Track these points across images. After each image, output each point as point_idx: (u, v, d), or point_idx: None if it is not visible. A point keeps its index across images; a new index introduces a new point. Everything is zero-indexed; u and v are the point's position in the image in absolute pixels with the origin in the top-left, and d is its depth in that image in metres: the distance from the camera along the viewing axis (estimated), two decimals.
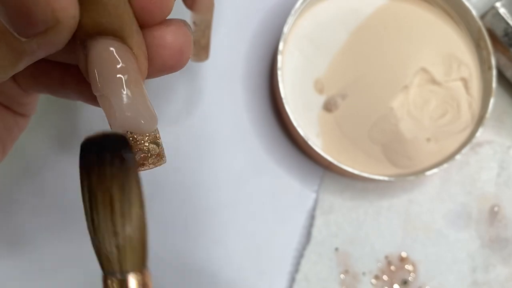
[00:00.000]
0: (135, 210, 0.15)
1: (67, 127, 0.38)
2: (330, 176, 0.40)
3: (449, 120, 0.39)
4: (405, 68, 0.39)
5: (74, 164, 0.17)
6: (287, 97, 0.38)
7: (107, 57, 0.17)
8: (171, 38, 0.19)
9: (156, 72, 0.19)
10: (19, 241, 0.37)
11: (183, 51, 0.19)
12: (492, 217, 0.40)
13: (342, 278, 0.38)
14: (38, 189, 0.37)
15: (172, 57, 0.19)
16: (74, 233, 0.37)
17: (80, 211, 0.16)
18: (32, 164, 0.38)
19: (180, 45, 0.19)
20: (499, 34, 0.40)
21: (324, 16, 0.40)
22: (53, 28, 0.16)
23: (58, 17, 0.16)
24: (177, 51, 0.19)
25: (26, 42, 0.16)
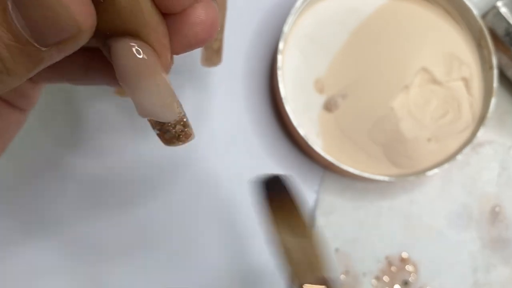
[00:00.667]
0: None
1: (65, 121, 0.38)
2: (331, 176, 0.39)
3: (450, 120, 0.39)
4: (405, 68, 0.39)
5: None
6: (287, 97, 0.37)
7: (125, 56, 0.18)
8: (202, 15, 0.19)
9: (190, 47, 0.20)
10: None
11: (214, 25, 0.20)
12: (493, 218, 0.40)
13: (342, 279, 0.38)
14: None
15: (204, 32, 0.20)
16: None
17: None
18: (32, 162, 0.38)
19: (211, 19, 0.20)
20: (500, 34, 0.40)
21: (324, 15, 0.40)
22: (74, 37, 0.17)
23: (80, 27, 0.16)
24: (209, 26, 0.20)
25: (46, 50, 0.17)
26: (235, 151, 0.39)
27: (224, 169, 0.39)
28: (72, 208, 0.37)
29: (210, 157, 0.39)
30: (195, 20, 0.19)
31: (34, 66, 0.17)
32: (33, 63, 0.17)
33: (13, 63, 0.17)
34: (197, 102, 0.39)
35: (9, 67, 0.17)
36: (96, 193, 0.38)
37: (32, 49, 0.17)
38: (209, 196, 0.38)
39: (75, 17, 0.16)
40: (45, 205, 0.37)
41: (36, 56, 0.17)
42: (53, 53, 0.17)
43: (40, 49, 0.17)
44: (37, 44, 0.17)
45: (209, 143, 0.39)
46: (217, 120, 0.39)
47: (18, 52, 0.17)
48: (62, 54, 0.17)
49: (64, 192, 0.38)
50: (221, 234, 0.38)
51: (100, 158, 0.38)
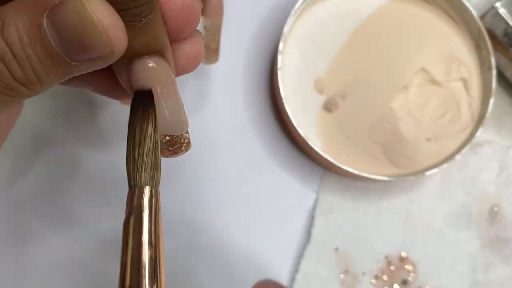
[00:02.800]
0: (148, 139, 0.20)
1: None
2: (330, 176, 0.40)
3: (449, 120, 0.39)
4: (405, 68, 0.39)
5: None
6: (287, 97, 0.38)
7: (154, 73, 0.19)
8: (188, 47, 0.21)
9: (176, 75, 0.21)
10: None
11: (198, 58, 0.22)
12: (492, 217, 0.40)
13: (342, 278, 0.38)
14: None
15: (189, 63, 0.21)
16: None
17: None
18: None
19: (196, 52, 0.21)
20: (499, 34, 0.40)
21: (324, 16, 0.40)
22: (106, 57, 0.18)
23: (112, 50, 0.17)
24: (193, 58, 0.21)
25: (76, 65, 0.18)
26: (235, 151, 0.39)
27: (224, 169, 0.39)
28: (80, 205, 0.38)
29: (210, 156, 0.39)
30: (181, 54, 0.21)
31: (63, 77, 0.18)
32: (63, 74, 0.18)
33: (45, 76, 0.18)
34: (197, 102, 0.40)
35: (41, 78, 0.18)
36: (104, 190, 0.38)
37: (63, 63, 0.18)
38: (209, 195, 0.39)
39: (110, 42, 0.17)
40: (53, 202, 0.37)
41: (66, 69, 0.18)
42: (83, 68, 0.18)
43: (71, 64, 0.18)
44: (68, 60, 0.17)
45: (209, 143, 0.39)
46: (217, 120, 0.40)
47: (50, 65, 0.17)
48: (91, 69, 0.18)
49: (72, 189, 0.38)
50: (221, 233, 0.38)
51: (108, 156, 0.38)
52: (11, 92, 0.18)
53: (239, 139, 0.40)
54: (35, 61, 0.17)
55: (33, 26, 0.17)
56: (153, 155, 0.20)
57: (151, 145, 0.20)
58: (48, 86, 0.18)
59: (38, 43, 0.17)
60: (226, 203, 0.39)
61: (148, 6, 0.17)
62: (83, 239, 0.37)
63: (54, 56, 0.17)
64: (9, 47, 0.17)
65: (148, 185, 0.20)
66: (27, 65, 0.17)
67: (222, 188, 0.39)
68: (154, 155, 0.20)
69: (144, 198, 0.20)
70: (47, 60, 0.17)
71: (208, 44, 0.35)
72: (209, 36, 0.33)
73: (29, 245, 0.37)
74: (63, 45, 0.17)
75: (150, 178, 0.20)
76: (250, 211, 0.39)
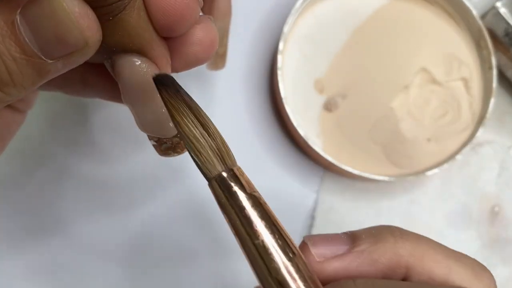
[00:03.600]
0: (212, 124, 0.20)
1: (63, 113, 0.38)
2: (331, 176, 0.40)
3: (450, 120, 0.39)
4: (405, 68, 0.39)
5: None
6: (287, 97, 0.37)
7: (130, 71, 0.19)
8: (202, 35, 0.20)
9: (190, 65, 0.21)
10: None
11: (212, 45, 0.21)
12: (493, 217, 0.40)
13: None
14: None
15: (203, 52, 0.21)
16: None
17: None
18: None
19: (210, 40, 0.21)
20: (499, 34, 0.40)
21: (324, 16, 0.40)
22: (80, 50, 0.17)
23: (87, 41, 0.17)
24: (208, 46, 0.21)
25: (52, 63, 0.17)
26: (235, 151, 0.39)
27: None
28: (73, 209, 0.37)
29: None
30: (194, 40, 0.20)
31: (39, 78, 0.18)
32: (39, 75, 0.18)
33: (20, 75, 0.17)
34: (197, 102, 0.39)
35: (15, 79, 0.17)
36: (98, 195, 0.38)
37: (39, 62, 0.17)
38: (208, 196, 0.38)
39: (83, 31, 0.17)
40: (47, 206, 0.37)
41: (42, 68, 0.17)
42: (59, 65, 0.18)
43: (46, 62, 0.17)
44: (43, 57, 0.17)
45: None
46: (217, 120, 0.39)
47: (25, 64, 0.17)
48: (67, 67, 0.18)
49: (66, 194, 0.38)
50: (221, 233, 0.38)
51: (102, 160, 0.38)
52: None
53: (239, 139, 0.40)
54: (8, 59, 0.17)
55: (7, 24, 0.17)
56: (219, 134, 0.20)
57: (212, 125, 0.19)
58: (23, 89, 0.18)
59: (11, 40, 0.17)
60: None
61: (121, 3, 0.17)
62: (74, 245, 0.37)
63: (29, 54, 0.17)
64: None
65: (235, 165, 0.19)
66: (1, 64, 0.17)
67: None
68: (219, 133, 0.20)
69: (242, 177, 0.19)
70: (22, 58, 0.17)
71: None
72: None
73: (19, 250, 0.37)
74: (37, 41, 0.17)
75: (233, 158, 0.19)
76: None
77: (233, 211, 0.19)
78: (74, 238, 0.37)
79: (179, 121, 0.19)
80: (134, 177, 0.38)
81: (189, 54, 0.21)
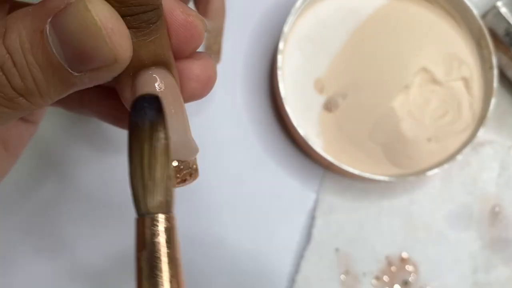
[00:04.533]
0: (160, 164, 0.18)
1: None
2: (331, 176, 0.39)
3: (450, 120, 0.39)
4: (405, 68, 0.39)
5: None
6: (287, 97, 0.37)
7: (161, 87, 0.18)
8: (199, 71, 0.20)
9: (185, 100, 0.20)
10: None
11: (209, 83, 0.21)
12: (493, 217, 0.40)
13: (342, 279, 0.38)
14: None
15: (199, 88, 0.21)
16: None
17: None
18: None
19: (208, 76, 0.21)
20: (500, 34, 0.40)
21: (324, 15, 0.40)
22: (109, 66, 0.17)
23: (116, 58, 0.16)
24: (204, 83, 0.21)
25: (78, 76, 0.17)
26: (235, 151, 0.39)
27: (224, 169, 0.39)
28: (73, 221, 0.37)
29: (210, 157, 0.39)
30: (192, 76, 0.20)
31: (64, 90, 0.17)
32: (64, 86, 0.17)
33: (45, 85, 0.17)
34: (197, 102, 0.39)
35: (41, 88, 0.17)
36: (98, 204, 0.38)
37: (65, 73, 0.17)
38: (209, 195, 0.38)
39: (113, 48, 0.16)
40: (46, 217, 0.37)
41: (67, 80, 0.17)
42: (85, 79, 0.17)
43: (73, 74, 0.17)
44: (70, 69, 0.17)
45: (209, 143, 0.39)
46: (217, 120, 0.39)
47: (51, 75, 0.17)
48: (94, 81, 0.17)
49: (66, 205, 0.38)
50: (221, 234, 0.38)
51: (104, 169, 0.38)
52: (9, 103, 0.17)
53: (239, 139, 0.39)
54: (35, 69, 0.16)
55: (36, 33, 0.16)
56: (167, 176, 0.17)
57: (164, 164, 0.17)
58: (49, 98, 0.18)
59: (39, 49, 0.16)
60: (226, 203, 0.39)
61: (156, 13, 0.17)
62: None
63: (55, 65, 0.17)
64: (9, 55, 0.16)
65: (163, 212, 0.17)
66: (27, 73, 0.16)
67: (222, 188, 0.39)
68: (168, 176, 0.17)
69: (159, 226, 0.17)
70: (48, 69, 0.17)
71: (210, 46, 0.35)
72: (210, 39, 0.33)
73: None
74: (65, 52, 0.16)
75: (165, 204, 0.17)
76: (250, 211, 0.39)
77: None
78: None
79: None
80: None
81: (186, 90, 0.20)
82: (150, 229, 0.17)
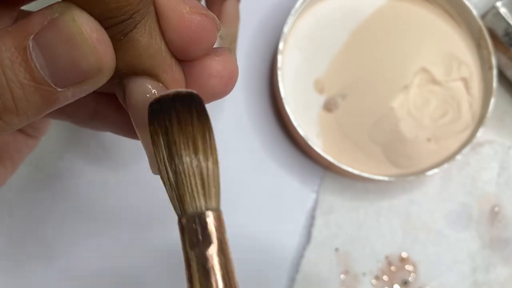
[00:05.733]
0: (214, 151, 0.18)
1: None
2: (330, 176, 0.40)
3: (450, 120, 0.39)
4: (405, 68, 0.39)
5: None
6: (287, 97, 0.37)
7: (141, 94, 0.18)
8: (220, 67, 0.19)
9: (207, 99, 0.20)
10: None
11: (232, 79, 0.20)
12: (493, 217, 0.40)
13: (342, 279, 0.38)
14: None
15: (221, 85, 0.20)
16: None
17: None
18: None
19: (229, 73, 0.20)
20: (499, 34, 0.40)
21: (324, 16, 0.40)
22: (93, 77, 0.16)
23: (101, 68, 0.16)
24: (226, 79, 0.20)
25: (61, 91, 0.17)
26: (235, 151, 0.39)
27: (224, 169, 0.39)
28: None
29: None
30: (212, 73, 0.19)
31: (46, 107, 0.17)
32: (46, 103, 0.17)
33: (25, 103, 0.16)
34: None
35: (20, 106, 0.16)
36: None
37: (48, 89, 0.16)
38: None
39: (99, 57, 0.16)
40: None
41: (50, 96, 0.17)
42: (68, 94, 0.17)
43: (56, 90, 0.16)
44: (53, 85, 0.16)
45: None
46: (217, 120, 0.39)
47: (32, 92, 0.16)
48: (77, 95, 0.17)
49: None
50: None
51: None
52: None
53: (239, 139, 0.40)
54: (15, 85, 0.16)
55: (18, 49, 0.16)
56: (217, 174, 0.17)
57: (215, 166, 0.17)
58: (25, 118, 0.17)
59: (21, 66, 0.16)
60: (226, 203, 0.38)
61: (128, 23, 0.16)
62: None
63: (38, 81, 0.16)
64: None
65: (214, 209, 0.17)
66: (6, 90, 0.16)
67: (221, 188, 0.39)
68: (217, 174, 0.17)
69: (211, 226, 0.17)
70: (30, 84, 0.16)
71: None
72: (224, 45, 0.33)
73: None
74: (49, 67, 0.16)
75: (216, 200, 0.17)
76: (250, 211, 0.39)
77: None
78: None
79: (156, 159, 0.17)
80: (134, 177, 0.38)
81: (207, 87, 0.19)
82: (202, 227, 0.17)
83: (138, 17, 0.17)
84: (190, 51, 0.19)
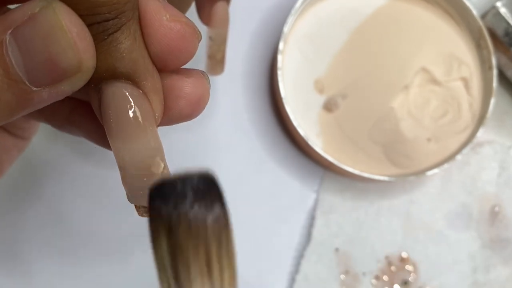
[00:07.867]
0: (231, 271, 0.14)
1: None
2: (331, 176, 0.40)
3: (450, 120, 0.39)
4: (405, 68, 0.39)
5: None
6: (287, 97, 0.37)
7: (120, 100, 0.17)
8: (190, 89, 0.19)
9: (172, 121, 0.19)
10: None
11: (201, 102, 0.19)
12: (493, 217, 0.40)
13: (342, 279, 0.38)
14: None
15: (189, 107, 0.19)
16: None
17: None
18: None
19: (199, 96, 0.19)
20: (499, 34, 0.40)
21: (324, 16, 0.40)
22: (71, 76, 0.16)
23: (80, 66, 0.15)
24: (195, 102, 0.19)
25: (36, 91, 0.15)
26: (235, 151, 0.39)
27: (224, 169, 0.39)
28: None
29: (210, 157, 0.39)
30: (181, 94, 0.19)
31: (18, 108, 0.16)
32: (18, 103, 0.16)
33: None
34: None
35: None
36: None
37: (22, 88, 0.15)
38: None
39: (78, 54, 0.15)
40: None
41: (23, 96, 0.15)
42: (44, 94, 0.16)
43: (30, 88, 0.15)
44: (28, 83, 0.15)
45: (209, 143, 0.39)
46: (217, 120, 0.40)
47: (5, 90, 0.15)
48: (53, 97, 0.16)
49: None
50: None
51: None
52: None
53: (239, 139, 0.40)
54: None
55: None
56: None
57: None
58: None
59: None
60: None
61: (114, 23, 0.16)
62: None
63: (12, 78, 0.15)
64: None
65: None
66: None
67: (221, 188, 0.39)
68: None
69: None
70: (3, 82, 0.15)
71: (213, 54, 0.34)
72: (214, 46, 0.33)
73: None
74: (26, 63, 0.15)
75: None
76: (250, 211, 0.39)
77: None
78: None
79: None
80: None
81: (173, 108, 0.18)
82: None
83: (124, 19, 0.16)
84: (169, 60, 0.18)
